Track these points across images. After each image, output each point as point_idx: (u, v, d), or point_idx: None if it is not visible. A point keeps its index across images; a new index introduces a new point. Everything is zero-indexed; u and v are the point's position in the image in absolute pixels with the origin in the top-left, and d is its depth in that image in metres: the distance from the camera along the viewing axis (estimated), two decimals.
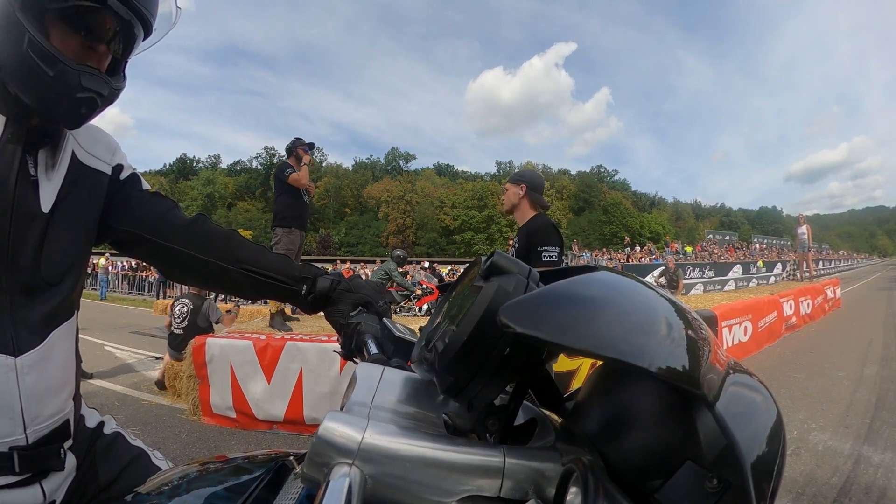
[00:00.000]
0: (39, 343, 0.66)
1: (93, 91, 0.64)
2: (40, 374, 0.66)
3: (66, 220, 0.70)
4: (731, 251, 20.78)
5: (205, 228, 0.84)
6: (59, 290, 0.69)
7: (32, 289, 0.66)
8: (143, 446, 0.86)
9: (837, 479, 2.49)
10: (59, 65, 0.60)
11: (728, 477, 0.33)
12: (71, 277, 0.71)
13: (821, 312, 8.91)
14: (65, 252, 0.70)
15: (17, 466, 0.64)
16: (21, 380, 0.64)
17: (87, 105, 0.65)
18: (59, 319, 0.70)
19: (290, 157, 4.38)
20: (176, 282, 1.02)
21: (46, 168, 0.68)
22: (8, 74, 0.61)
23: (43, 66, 0.59)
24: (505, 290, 0.38)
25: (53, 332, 0.69)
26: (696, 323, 0.38)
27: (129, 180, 0.81)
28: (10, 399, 0.63)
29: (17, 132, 0.64)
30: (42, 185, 0.67)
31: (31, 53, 0.59)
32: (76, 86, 0.62)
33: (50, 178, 0.68)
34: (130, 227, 0.80)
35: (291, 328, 4.11)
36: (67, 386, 0.73)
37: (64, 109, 0.64)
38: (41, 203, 0.66)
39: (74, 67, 0.61)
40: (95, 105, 0.66)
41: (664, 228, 62.35)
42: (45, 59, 0.59)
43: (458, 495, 0.37)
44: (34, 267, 0.65)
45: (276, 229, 4.21)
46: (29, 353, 0.65)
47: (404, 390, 0.46)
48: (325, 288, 0.83)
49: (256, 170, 63.46)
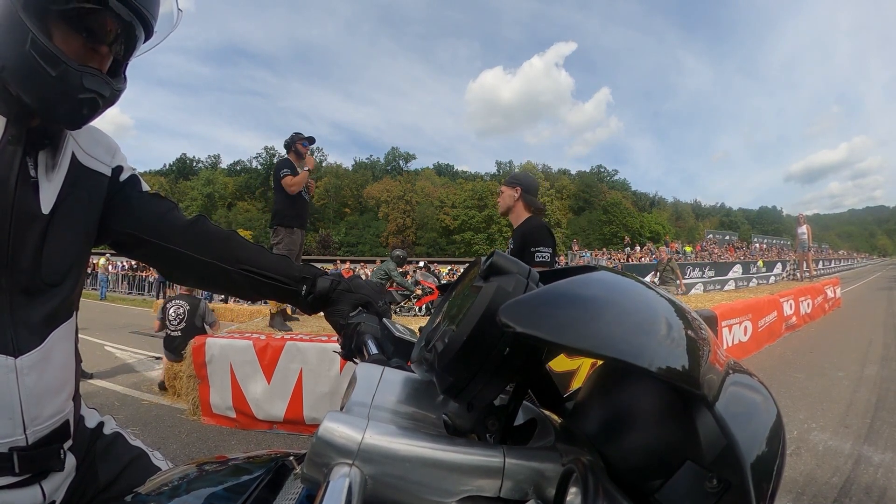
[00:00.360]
0: (39, 344, 0.66)
1: (94, 92, 0.64)
2: (40, 374, 0.66)
3: (66, 222, 0.70)
4: (731, 251, 20.78)
5: (205, 229, 0.84)
6: (58, 291, 0.69)
7: (32, 289, 0.66)
8: (143, 446, 0.86)
9: (838, 478, 2.49)
10: (61, 65, 0.60)
11: (728, 477, 0.33)
12: (71, 278, 0.71)
13: (821, 312, 8.91)
14: (64, 253, 0.70)
15: (17, 467, 0.64)
16: (21, 380, 0.64)
17: (89, 106, 0.65)
18: (58, 320, 0.70)
19: (289, 152, 4.31)
20: (175, 283, 1.02)
21: (47, 169, 0.68)
22: (10, 74, 0.61)
23: (45, 66, 0.59)
24: (504, 290, 0.38)
25: (53, 333, 0.69)
26: (695, 323, 0.38)
27: (128, 182, 0.81)
28: (9, 399, 0.63)
29: (17, 134, 0.64)
30: (42, 187, 0.67)
31: (33, 54, 0.59)
32: (78, 86, 0.62)
33: (50, 180, 0.68)
34: (130, 228, 0.80)
35: (291, 328, 4.10)
36: (67, 386, 0.73)
37: (65, 110, 0.64)
38: (41, 204, 0.67)
39: (77, 68, 0.61)
40: (97, 106, 0.66)
41: (664, 228, 62.37)
42: (48, 60, 0.59)
43: (457, 495, 0.37)
44: (34, 268, 0.66)
45: (276, 228, 4.16)
46: (29, 353, 0.65)
47: (404, 390, 0.46)
48: (325, 288, 0.83)
49: (256, 170, 63.45)
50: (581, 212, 66.03)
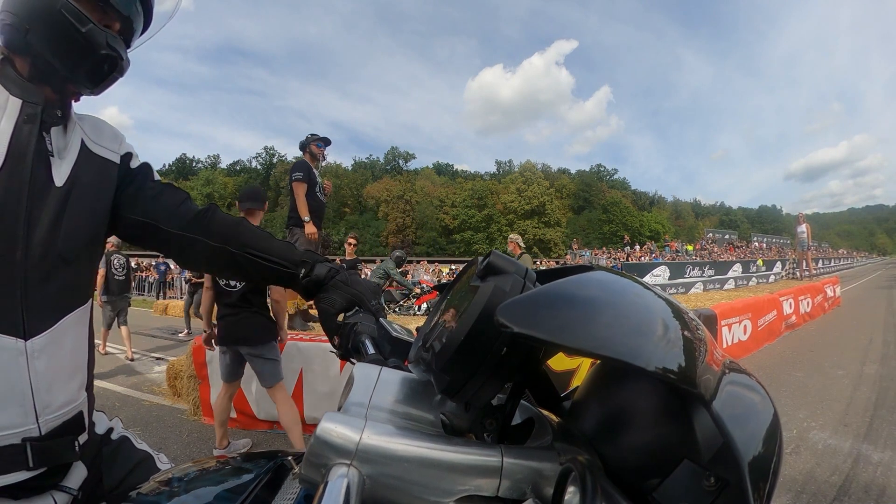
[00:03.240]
0: (51, 326, 0.66)
1: (116, 51, 0.71)
2: (50, 358, 0.66)
3: (79, 198, 0.72)
4: (730, 250, 20.78)
5: (216, 217, 0.86)
6: (72, 269, 0.70)
7: (46, 264, 0.66)
8: (149, 450, 0.87)
9: (837, 477, 2.49)
10: (89, 23, 0.67)
11: (725, 475, 0.33)
12: (84, 258, 0.72)
13: (820, 311, 8.91)
14: (78, 229, 0.71)
15: (31, 460, 0.64)
16: (31, 364, 0.63)
17: (110, 63, 0.71)
18: (72, 304, 0.70)
19: (304, 153, 4.29)
20: (184, 266, 1.06)
21: (58, 151, 0.71)
22: (36, 36, 0.66)
23: (75, 22, 0.66)
24: (502, 289, 0.38)
25: (66, 318, 0.69)
26: (692, 323, 0.38)
27: (140, 170, 0.84)
28: (20, 384, 0.63)
29: (32, 114, 0.67)
30: (56, 164, 0.70)
31: (63, 13, 0.65)
32: (102, 44, 0.69)
33: (62, 158, 0.71)
34: (147, 217, 0.82)
35: (313, 328, 3.97)
36: (79, 374, 0.73)
37: (89, 66, 0.70)
38: (55, 179, 0.69)
39: (101, 28, 0.69)
40: (115, 64, 0.72)
41: (664, 227, 62.31)
42: (78, 18, 0.66)
43: (456, 495, 0.37)
44: (49, 241, 0.66)
45: (292, 228, 4.11)
46: (40, 336, 0.65)
47: (402, 390, 0.46)
48: (322, 275, 0.84)
49: (256, 170, 63.47)
50: (581, 211, 66.00)
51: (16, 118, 0.66)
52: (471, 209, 58.98)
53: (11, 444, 0.62)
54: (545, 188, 59.43)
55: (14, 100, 0.66)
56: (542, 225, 57.28)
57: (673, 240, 22.93)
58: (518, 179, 59.99)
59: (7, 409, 0.62)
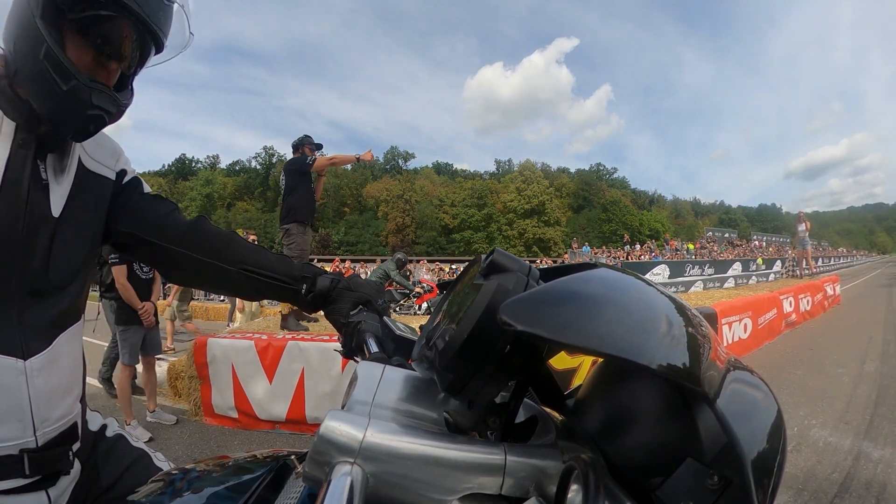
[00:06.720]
0: (48, 346, 0.67)
1: (102, 109, 0.65)
2: (49, 376, 0.66)
3: (75, 225, 0.71)
4: (730, 249, 20.76)
5: (205, 230, 0.84)
6: (66, 293, 0.70)
7: (41, 292, 0.66)
8: (145, 448, 0.87)
9: (838, 475, 2.49)
10: (72, 80, 0.61)
11: (729, 474, 0.33)
12: (78, 281, 0.72)
13: (820, 309, 8.91)
14: (72, 256, 0.70)
15: (27, 469, 0.65)
16: (31, 382, 0.64)
17: (95, 122, 0.66)
18: (66, 323, 0.71)
19: (297, 152, 4.34)
20: (176, 284, 1.02)
21: (55, 173, 0.69)
22: (22, 79, 0.63)
23: (57, 79, 0.60)
24: (505, 287, 0.38)
25: (61, 336, 0.69)
26: (696, 320, 0.38)
27: (130, 183, 0.82)
28: (20, 401, 0.64)
29: (27, 138, 0.65)
30: (52, 190, 0.68)
31: (46, 65, 0.59)
32: (87, 103, 0.63)
33: (59, 183, 0.69)
34: (132, 229, 0.81)
35: (308, 328, 3.99)
36: (75, 388, 0.73)
37: (72, 124, 0.65)
38: (52, 207, 0.67)
39: (87, 84, 0.62)
40: (103, 122, 0.67)
41: (663, 226, 62.26)
42: (60, 73, 0.60)
43: (459, 493, 0.37)
44: (43, 270, 0.66)
45: (290, 225, 4.09)
46: (38, 355, 0.65)
47: (405, 389, 0.46)
48: (325, 287, 0.84)
49: (255, 170, 63.34)
50: (580, 210, 65.93)
51: (10, 143, 0.63)
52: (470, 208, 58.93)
53: (9, 455, 0.63)
54: (545, 187, 59.35)
55: (8, 122, 0.64)
56: (541, 224, 57.25)
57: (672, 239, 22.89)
58: (518, 179, 59.92)
59: (7, 424, 0.63)
